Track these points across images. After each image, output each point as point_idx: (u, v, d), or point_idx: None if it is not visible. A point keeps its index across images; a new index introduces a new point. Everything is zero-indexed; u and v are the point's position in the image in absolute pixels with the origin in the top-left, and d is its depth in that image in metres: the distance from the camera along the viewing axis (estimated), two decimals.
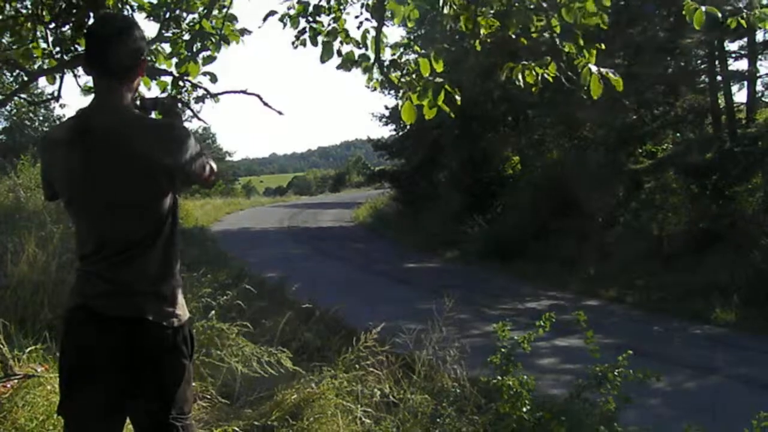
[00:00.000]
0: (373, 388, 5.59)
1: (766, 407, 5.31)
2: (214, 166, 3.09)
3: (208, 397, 5.53)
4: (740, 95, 23.55)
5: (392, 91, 32.18)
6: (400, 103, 5.20)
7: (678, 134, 23.12)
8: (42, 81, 5.64)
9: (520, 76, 5.16)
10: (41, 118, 33.74)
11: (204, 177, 3.00)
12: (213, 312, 6.64)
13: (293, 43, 5.37)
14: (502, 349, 5.34)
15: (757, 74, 21.57)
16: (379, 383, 5.73)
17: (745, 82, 22.23)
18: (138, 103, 3.06)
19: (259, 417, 5.12)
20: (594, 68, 4.92)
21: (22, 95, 7.78)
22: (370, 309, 7.28)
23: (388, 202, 35.95)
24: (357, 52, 5.20)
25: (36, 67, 5.47)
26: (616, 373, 5.15)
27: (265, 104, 4.54)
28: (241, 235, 27.47)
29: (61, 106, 43.22)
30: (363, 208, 37.87)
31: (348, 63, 5.20)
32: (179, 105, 3.19)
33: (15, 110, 28.43)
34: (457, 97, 5.03)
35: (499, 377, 5.19)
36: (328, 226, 32.64)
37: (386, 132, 49.43)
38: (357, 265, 20.67)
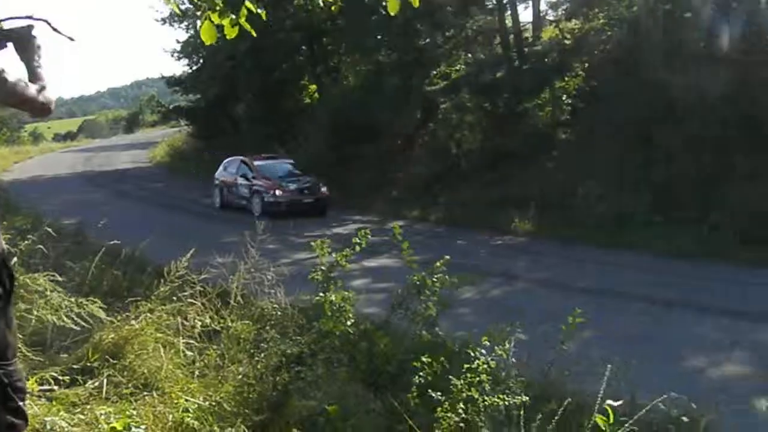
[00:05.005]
0: (193, 320, 5.48)
1: (566, 306, 5.58)
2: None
3: (18, 347, 5.06)
4: (526, 14, 24.40)
5: (183, 24, 31.16)
6: (198, 23, 4.83)
7: (469, 54, 23.72)
8: None
9: None
10: None
11: (31, 96, 2.72)
12: (15, 259, 6.09)
13: None
14: (322, 267, 5.30)
15: None
16: (199, 314, 5.61)
17: (530, 2, 23.10)
18: None
19: (77, 361, 4.87)
20: None
21: None
22: (176, 245, 6.98)
23: (185, 139, 35.03)
24: None
25: None
26: (434, 279, 5.25)
27: (55, 30, 4.01)
28: (34, 183, 26.19)
29: None
30: (159, 147, 36.83)
31: None
32: None
33: None
34: (261, 11, 4.73)
35: (321, 294, 5.12)
36: (125, 168, 31.76)
37: (179, 68, 47.71)
38: (158, 204, 20.59)
